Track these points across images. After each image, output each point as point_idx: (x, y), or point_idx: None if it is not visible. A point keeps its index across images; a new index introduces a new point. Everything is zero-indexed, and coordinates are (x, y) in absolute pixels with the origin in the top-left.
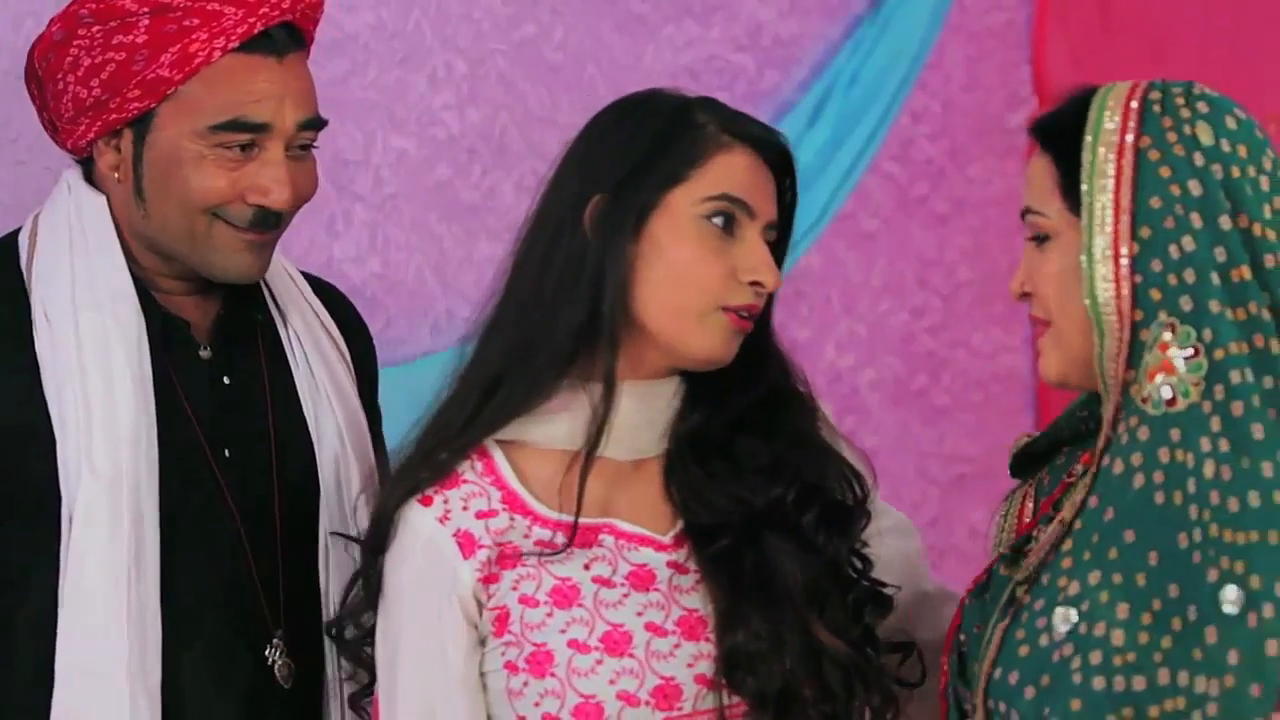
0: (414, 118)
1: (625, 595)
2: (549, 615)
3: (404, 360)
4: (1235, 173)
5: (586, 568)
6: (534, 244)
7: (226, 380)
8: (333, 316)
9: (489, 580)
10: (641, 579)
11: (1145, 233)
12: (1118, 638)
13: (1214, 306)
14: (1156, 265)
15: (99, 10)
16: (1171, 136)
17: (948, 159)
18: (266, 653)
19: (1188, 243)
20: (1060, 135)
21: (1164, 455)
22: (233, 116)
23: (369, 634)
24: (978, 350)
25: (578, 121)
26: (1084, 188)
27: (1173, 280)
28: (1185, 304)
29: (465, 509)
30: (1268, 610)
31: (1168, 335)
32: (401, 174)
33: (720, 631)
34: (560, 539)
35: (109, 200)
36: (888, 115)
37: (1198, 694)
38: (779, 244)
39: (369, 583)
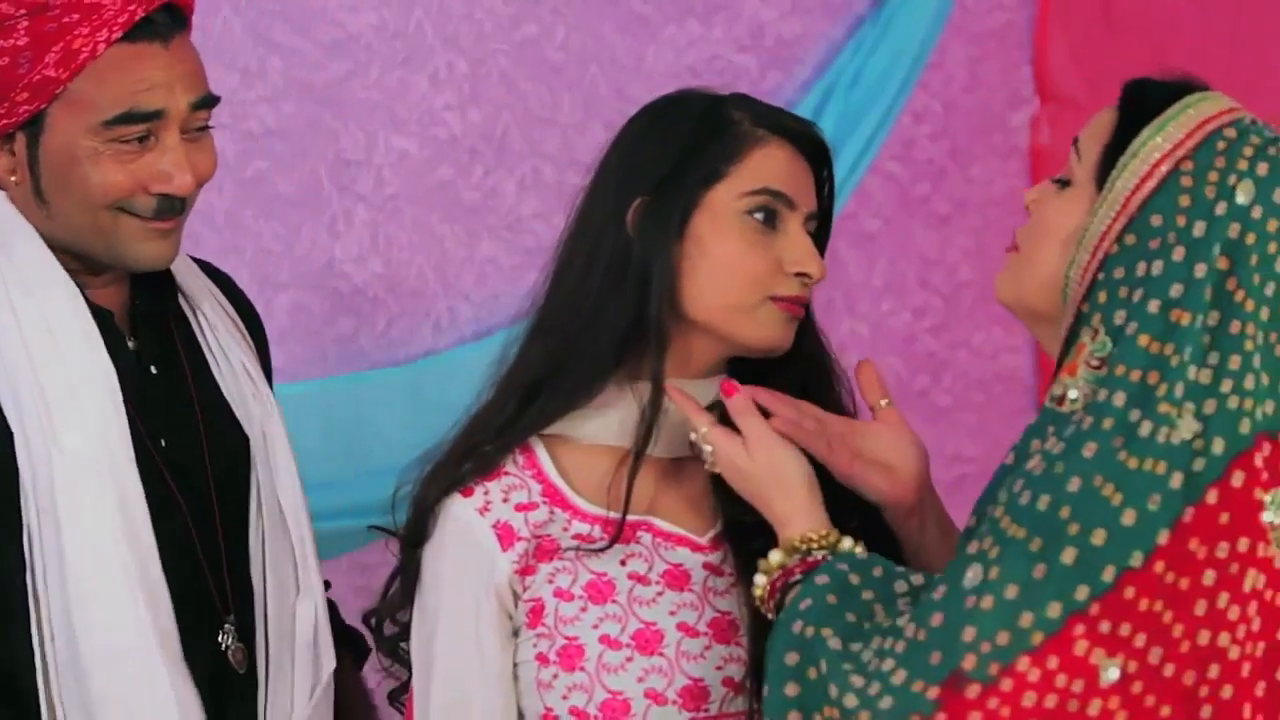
0: (416, 118)
1: (659, 594)
2: (583, 610)
3: (406, 360)
4: (1250, 239)
5: (623, 564)
6: (575, 250)
7: (154, 370)
8: (231, 302)
9: (525, 572)
10: (677, 578)
11: (1130, 240)
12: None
13: (1135, 331)
14: (1118, 272)
15: None
16: (1213, 176)
17: (949, 159)
18: (219, 639)
19: (1157, 267)
20: (1139, 107)
21: (1034, 445)
22: (125, 109)
23: (406, 630)
24: (979, 350)
25: (579, 122)
26: (1113, 175)
27: (1122, 293)
28: (1118, 318)
29: (505, 501)
30: (987, 601)
31: (1087, 339)
32: (403, 174)
33: (756, 635)
34: (599, 533)
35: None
36: (889, 115)
37: (898, 626)
38: (820, 233)
39: (407, 576)
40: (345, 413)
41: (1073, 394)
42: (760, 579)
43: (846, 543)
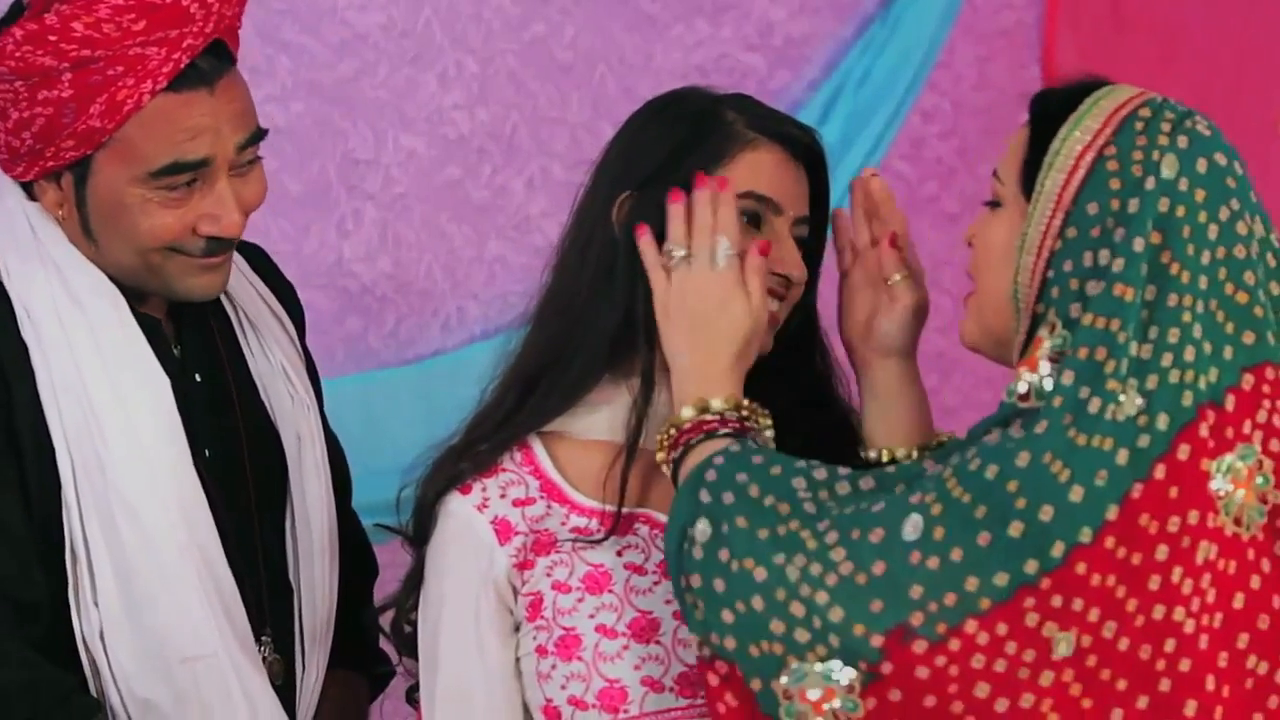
0: (424, 117)
1: (656, 583)
2: (580, 600)
3: (415, 359)
4: (1180, 211)
5: (619, 554)
6: (572, 243)
7: (198, 378)
8: (264, 280)
9: (524, 566)
10: None
11: (1071, 233)
12: (841, 487)
13: (1088, 316)
14: (1067, 265)
15: (18, 68)
16: (1137, 155)
17: (958, 158)
18: (259, 650)
19: (1103, 255)
20: (1047, 117)
21: (991, 438)
22: (171, 160)
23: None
24: None
25: (588, 120)
26: (1039, 174)
27: (1073, 284)
28: (1073, 310)
29: (503, 497)
30: (933, 561)
31: (1045, 333)
32: (412, 173)
33: None
34: (596, 527)
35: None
36: (898, 114)
37: (830, 559)
38: (812, 238)
39: (412, 575)
40: (353, 412)
41: (1038, 389)
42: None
43: (767, 425)
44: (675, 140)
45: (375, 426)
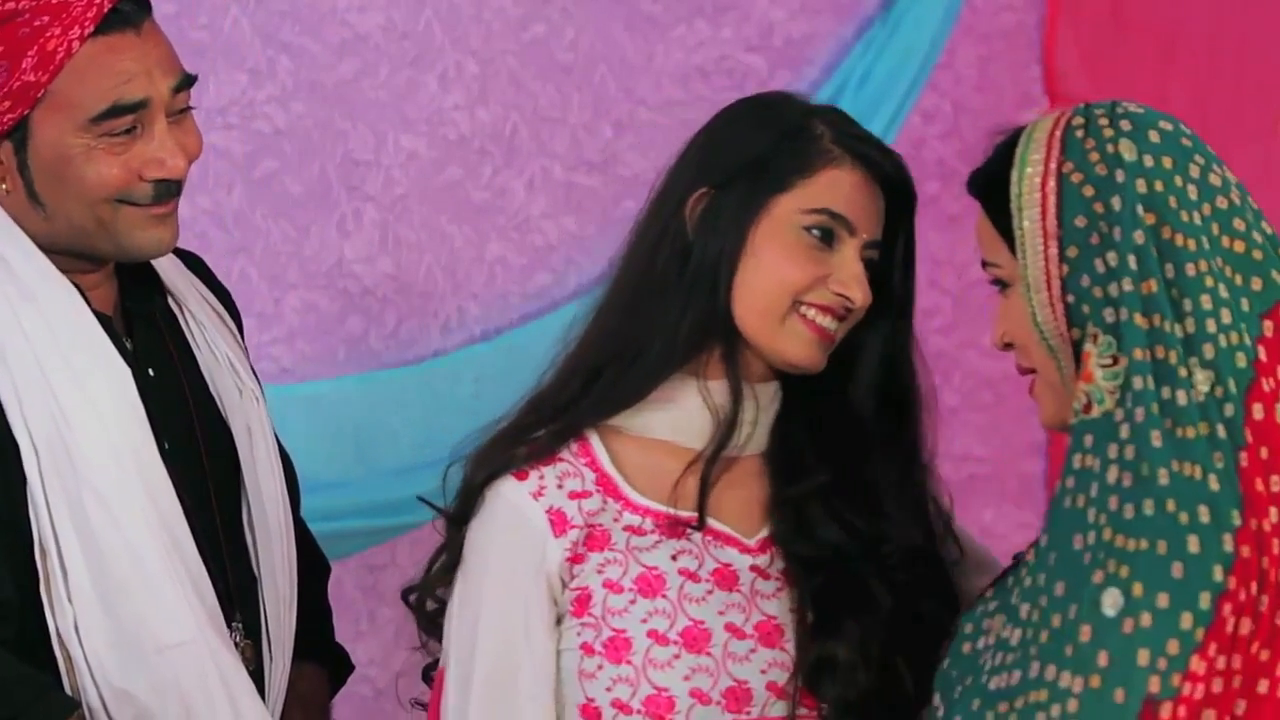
0: (425, 118)
1: (709, 592)
2: (632, 602)
3: (415, 360)
4: (1159, 185)
5: (674, 559)
6: (643, 235)
7: (151, 372)
8: (205, 282)
9: (575, 560)
10: (726, 578)
11: (1072, 252)
12: (1014, 637)
13: (1127, 315)
14: (1084, 280)
15: None
16: (1094, 156)
17: (958, 159)
18: (230, 635)
19: (1111, 257)
20: (992, 186)
21: (1077, 461)
22: (110, 103)
23: (444, 606)
24: (988, 350)
25: (588, 121)
26: (1014, 221)
27: (1098, 293)
28: (1108, 315)
29: (560, 487)
30: (1145, 619)
31: (1090, 345)
32: (412, 174)
33: (808, 638)
34: (650, 526)
35: None
36: (898, 115)
37: (1061, 688)
38: (883, 263)
39: (450, 553)
40: (354, 412)
41: (1098, 397)
42: None
43: None
44: (761, 144)
45: (376, 427)
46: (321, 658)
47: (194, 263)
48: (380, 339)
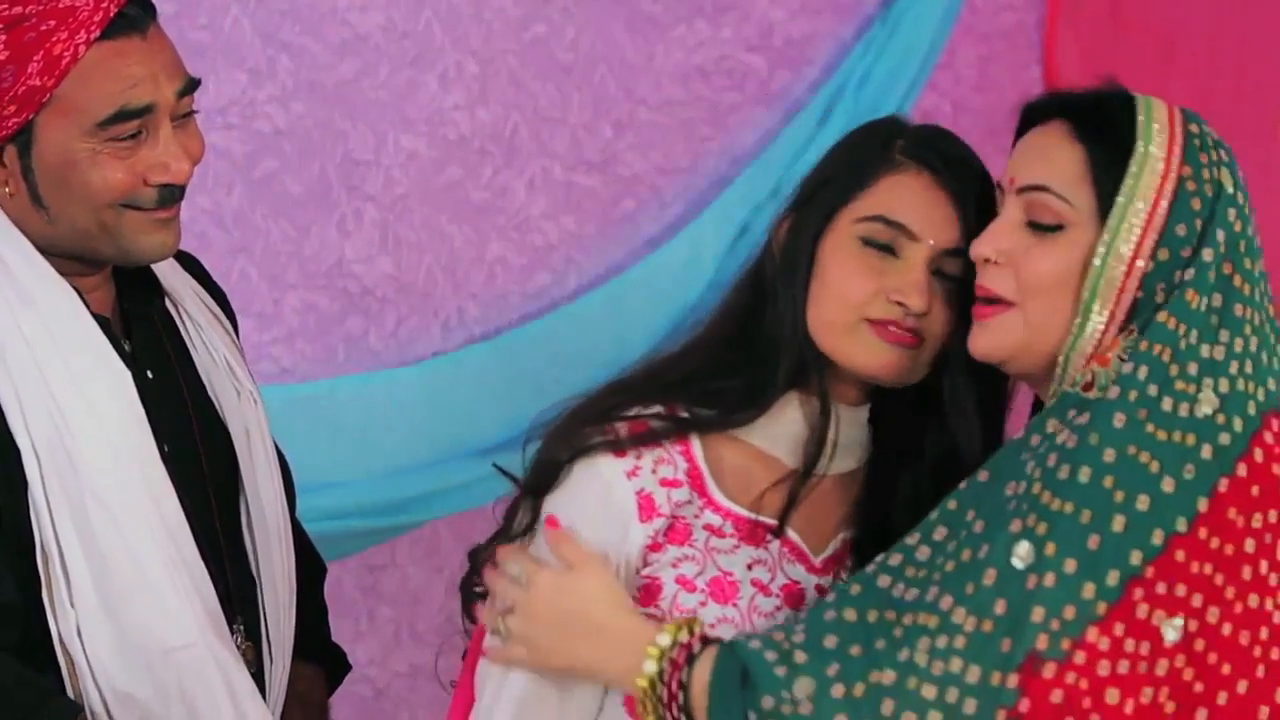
0: (425, 118)
1: (778, 608)
2: (702, 604)
3: (415, 360)
4: (1238, 226)
5: (749, 568)
6: (751, 256)
7: (149, 374)
8: (200, 284)
9: (653, 549)
10: (793, 595)
11: (1163, 255)
12: (923, 555)
13: (1165, 316)
14: (1160, 286)
15: None
16: (1206, 174)
17: None
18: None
19: (1190, 274)
20: (1099, 129)
21: (1050, 425)
22: (116, 108)
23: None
24: None
25: (588, 121)
26: (1122, 198)
27: (1160, 298)
28: (1160, 316)
29: (654, 472)
30: (1049, 579)
31: (1122, 337)
32: (412, 174)
33: None
34: (730, 529)
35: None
36: None
37: (954, 622)
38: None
39: (520, 522)
40: (354, 412)
41: (1102, 382)
42: (651, 666)
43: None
44: (834, 165)
45: (376, 427)
46: (319, 658)
47: (190, 263)
48: (380, 339)
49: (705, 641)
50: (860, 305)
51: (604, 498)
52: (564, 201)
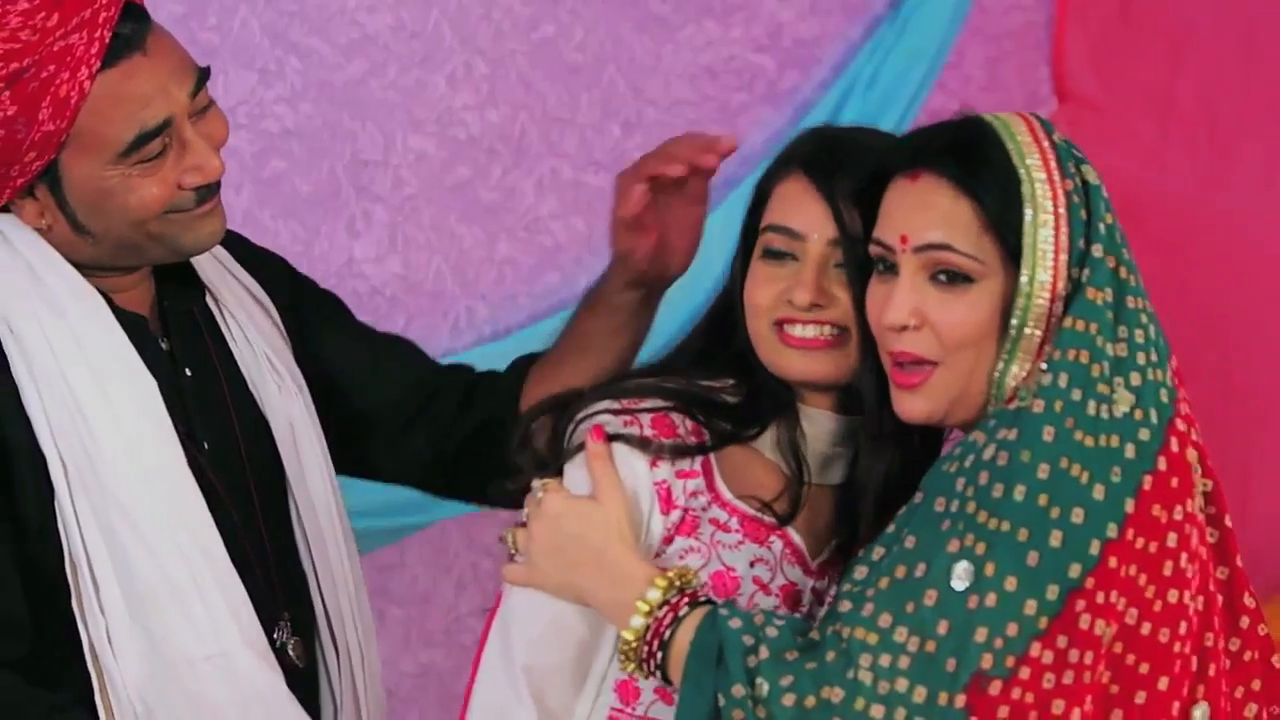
0: (434, 118)
1: (776, 608)
2: None
3: None
4: (1109, 219)
5: (751, 565)
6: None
7: (189, 371)
8: (243, 264)
9: (665, 541)
10: (791, 597)
11: (1081, 274)
12: (859, 572)
13: (1072, 321)
14: (1078, 309)
15: None
16: (1078, 180)
17: None
18: (275, 635)
19: (1086, 272)
20: (976, 175)
21: (975, 438)
22: (135, 133)
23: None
24: None
25: (597, 121)
26: (1028, 238)
27: (1081, 320)
28: (1067, 322)
29: (672, 463)
30: (990, 598)
31: (1049, 350)
32: (421, 174)
33: None
34: (735, 525)
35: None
36: (907, 115)
37: (895, 641)
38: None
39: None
40: None
41: (1023, 395)
42: (639, 621)
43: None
44: (756, 187)
45: None
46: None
47: (233, 243)
48: None
49: (694, 603)
50: (767, 311)
51: (632, 484)
52: (573, 202)
